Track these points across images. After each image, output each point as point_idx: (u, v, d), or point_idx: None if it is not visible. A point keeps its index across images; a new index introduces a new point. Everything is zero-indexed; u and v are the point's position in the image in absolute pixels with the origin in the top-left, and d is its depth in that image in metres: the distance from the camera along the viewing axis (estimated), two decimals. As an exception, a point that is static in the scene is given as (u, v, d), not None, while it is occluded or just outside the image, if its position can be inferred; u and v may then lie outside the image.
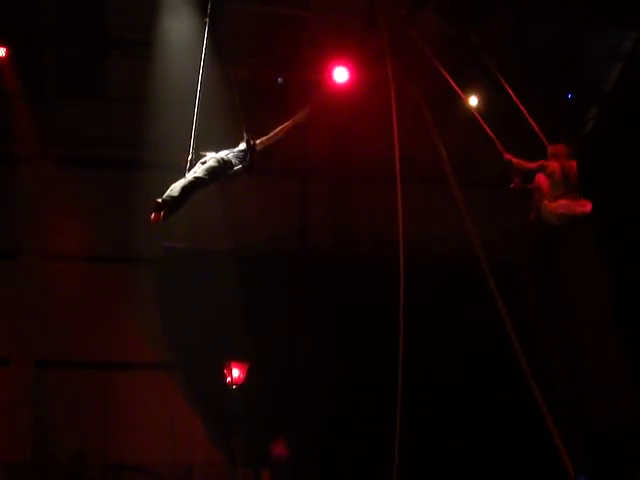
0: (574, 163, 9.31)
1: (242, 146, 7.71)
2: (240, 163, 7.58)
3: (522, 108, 10.02)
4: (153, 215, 6.72)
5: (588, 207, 9.02)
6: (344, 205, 15.52)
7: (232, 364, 12.95)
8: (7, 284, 14.07)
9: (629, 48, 14.61)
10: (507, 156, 9.44)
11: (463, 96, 10.71)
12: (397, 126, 10.61)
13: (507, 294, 12.46)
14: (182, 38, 12.16)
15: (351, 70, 13.11)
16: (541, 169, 9.15)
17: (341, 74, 13.18)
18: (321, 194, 15.46)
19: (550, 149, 9.31)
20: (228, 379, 12.95)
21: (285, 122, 8.16)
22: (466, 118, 11.69)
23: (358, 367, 13.63)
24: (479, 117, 10.33)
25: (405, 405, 9.99)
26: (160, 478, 13.31)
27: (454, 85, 10.42)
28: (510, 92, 10.24)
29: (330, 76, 13.26)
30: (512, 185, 9.49)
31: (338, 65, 13.13)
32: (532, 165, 9.25)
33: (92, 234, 14.08)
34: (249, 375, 12.93)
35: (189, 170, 7.21)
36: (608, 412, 14.45)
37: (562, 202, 9.09)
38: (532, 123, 9.86)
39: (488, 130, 9.89)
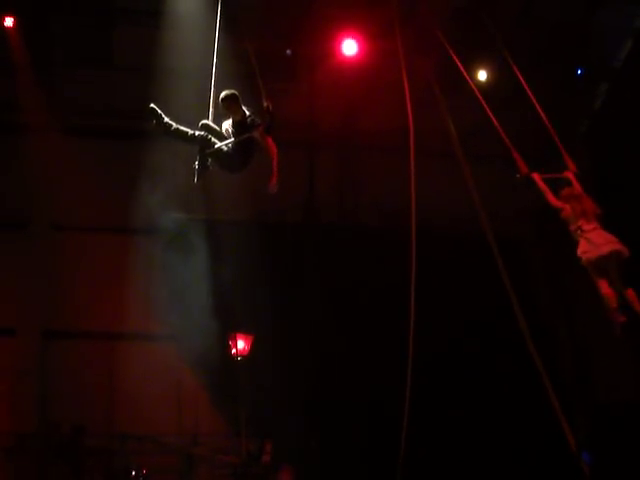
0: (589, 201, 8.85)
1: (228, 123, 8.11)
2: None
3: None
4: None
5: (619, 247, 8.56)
6: (352, 177, 15.51)
7: (237, 335, 13.03)
8: (14, 254, 14.05)
9: (640, 24, 14.55)
10: (533, 174, 9.08)
11: (466, 74, 10.43)
12: (408, 99, 10.57)
13: (513, 270, 12.47)
14: (190, 8, 12.12)
15: (360, 42, 13.08)
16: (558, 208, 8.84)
17: (350, 46, 13.16)
18: (329, 166, 15.43)
19: (563, 192, 8.98)
20: (233, 350, 13.03)
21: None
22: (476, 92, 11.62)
23: (364, 338, 13.69)
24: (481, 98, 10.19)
25: (411, 376, 10.01)
26: (165, 447, 13.39)
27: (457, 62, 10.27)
28: (516, 72, 10.01)
29: (339, 48, 13.25)
30: (518, 175, 9.23)
31: (347, 37, 13.12)
32: (552, 198, 8.91)
33: (99, 204, 14.06)
34: (254, 346, 13.00)
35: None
36: (612, 388, 14.47)
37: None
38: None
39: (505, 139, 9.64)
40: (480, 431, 13.74)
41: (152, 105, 8.03)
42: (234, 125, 8.04)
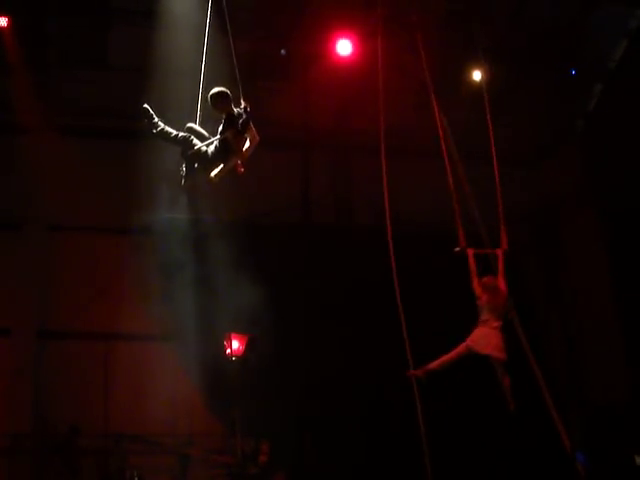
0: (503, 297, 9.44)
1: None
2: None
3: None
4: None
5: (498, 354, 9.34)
6: (345, 177, 15.53)
7: (232, 336, 13.02)
8: (9, 254, 14.07)
9: (635, 25, 14.55)
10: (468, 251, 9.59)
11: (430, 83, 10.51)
12: (384, 102, 10.71)
13: (508, 271, 12.46)
14: (185, 8, 12.13)
15: (354, 42, 13.09)
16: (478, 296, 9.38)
17: (344, 46, 13.18)
18: (323, 166, 15.45)
19: (485, 279, 9.45)
20: (228, 350, 13.03)
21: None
22: (470, 93, 11.65)
23: (359, 338, 13.69)
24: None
25: (404, 377, 10.03)
26: (160, 448, 13.40)
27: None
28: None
29: (333, 48, 13.26)
30: (457, 249, 9.64)
31: (341, 37, 13.14)
32: (475, 283, 9.41)
33: (94, 204, 14.06)
34: (249, 346, 13.00)
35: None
36: (606, 389, 14.50)
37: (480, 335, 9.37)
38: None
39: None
40: (474, 431, 13.73)
41: (145, 105, 8.10)
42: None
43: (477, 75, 12.42)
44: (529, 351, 11.92)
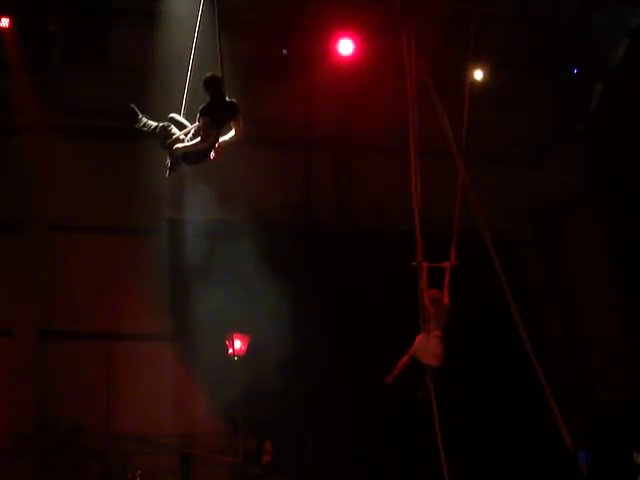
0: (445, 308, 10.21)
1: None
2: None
3: None
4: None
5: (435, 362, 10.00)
6: (348, 177, 15.54)
7: (234, 335, 13.04)
8: (11, 255, 14.09)
9: (635, 24, 14.56)
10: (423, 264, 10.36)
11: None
12: (409, 100, 10.68)
13: (510, 269, 12.47)
14: (187, 8, 12.11)
15: (356, 42, 13.11)
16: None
17: (346, 46, 13.20)
18: (325, 166, 15.47)
19: (432, 292, 10.26)
20: (230, 350, 13.05)
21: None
22: (472, 92, 11.64)
23: (360, 338, 13.70)
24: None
25: (406, 376, 10.05)
26: (162, 448, 13.40)
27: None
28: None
29: (335, 48, 13.28)
30: (414, 263, 10.35)
31: (343, 37, 13.16)
32: (426, 295, 10.23)
33: (94, 204, 14.09)
34: (251, 346, 13.02)
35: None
36: (608, 387, 14.51)
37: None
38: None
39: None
40: (476, 430, 13.73)
41: (132, 105, 8.38)
42: None
43: (478, 75, 12.45)
44: (530, 351, 11.92)
